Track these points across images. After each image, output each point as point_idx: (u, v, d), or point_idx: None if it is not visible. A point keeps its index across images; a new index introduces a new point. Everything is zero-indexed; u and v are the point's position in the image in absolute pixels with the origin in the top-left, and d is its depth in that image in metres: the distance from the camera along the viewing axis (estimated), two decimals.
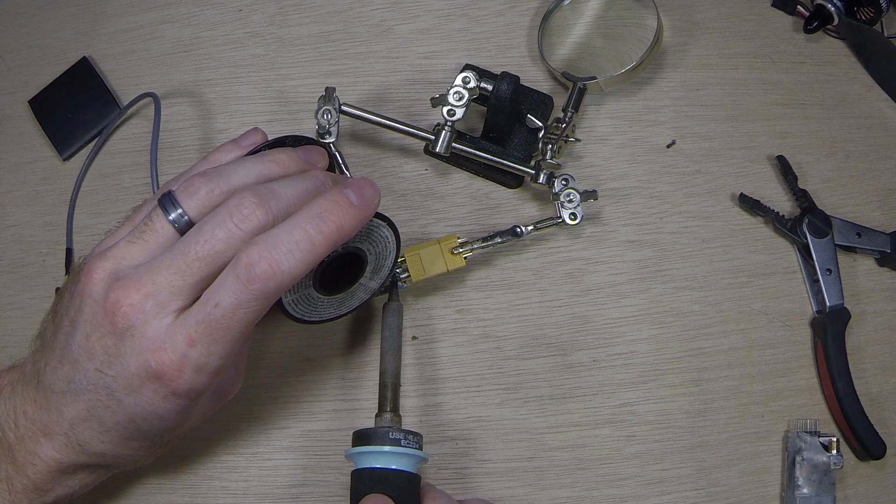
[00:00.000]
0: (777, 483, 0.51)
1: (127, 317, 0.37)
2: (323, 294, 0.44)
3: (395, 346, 0.48)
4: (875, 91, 0.59)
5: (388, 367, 0.47)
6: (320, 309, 0.44)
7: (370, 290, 0.47)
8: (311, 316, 0.44)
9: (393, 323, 0.48)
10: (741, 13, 0.61)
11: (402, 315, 0.49)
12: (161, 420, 0.39)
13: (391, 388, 0.47)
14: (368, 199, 0.39)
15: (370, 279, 0.45)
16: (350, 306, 0.46)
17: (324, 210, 0.38)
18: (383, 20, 0.61)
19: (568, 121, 0.54)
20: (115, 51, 0.62)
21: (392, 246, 0.46)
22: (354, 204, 0.39)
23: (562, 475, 0.51)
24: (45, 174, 0.59)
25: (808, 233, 0.53)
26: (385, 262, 0.46)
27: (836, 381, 0.51)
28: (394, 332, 0.48)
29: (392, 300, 0.50)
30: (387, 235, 0.44)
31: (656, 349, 0.53)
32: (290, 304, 0.42)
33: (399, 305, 0.49)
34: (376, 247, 0.44)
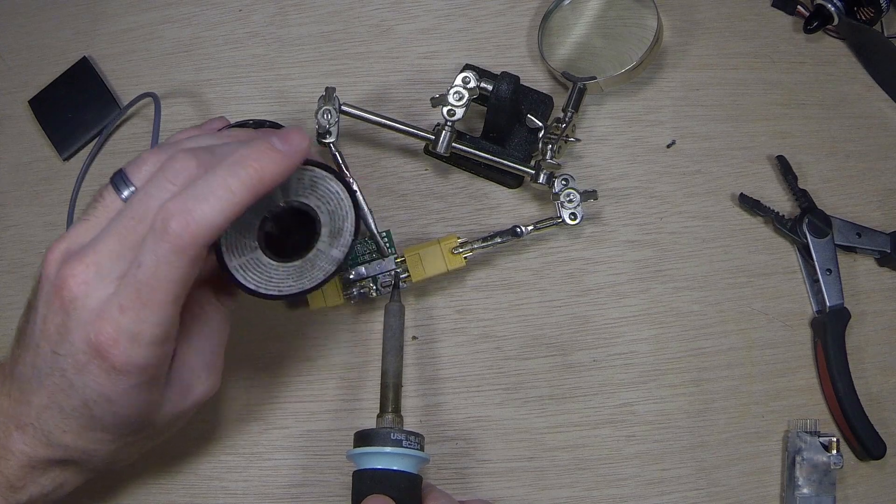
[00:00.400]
0: (777, 483, 0.51)
1: (71, 290, 0.36)
2: (276, 260, 0.40)
3: (396, 347, 0.48)
4: (875, 91, 0.59)
5: (389, 367, 0.47)
6: (276, 279, 0.40)
7: (333, 260, 0.41)
8: (268, 288, 0.40)
9: (394, 324, 0.48)
10: (741, 13, 0.61)
11: (403, 316, 0.49)
12: (111, 405, 0.37)
13: (392, 388, 0.46)
14: (294, 144, 0.37)
15: (330, 245, 0.40)
16: (314, 279, 0.41)
17: (244, 157, 0.35)
18: (383, 20, 0.61)
19: (568, 121, 0.54)
20: (115, 51, 0.62)
21: (347, 204, 0.41)
22: (277, 149, 0.36)
23: (562, 475, 0.51)
24: (45, 174, 0.59)
25: (808, 233, 0.53)
26: (343, 223, 0.41)
27: (836, 381, 0.51)
28: (395, 332, 0.48)
29: (393, 301, 0.49)
30: (336, 190, 0.40)
31: (656, 349, 0.53)
32: (238, 269, 0.39)
33: (400, 306, 0.49)
34: (327, 204, 0.40)
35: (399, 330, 0.48)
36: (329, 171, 0.40)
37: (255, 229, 0.38)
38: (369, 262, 0.52)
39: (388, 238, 0.53)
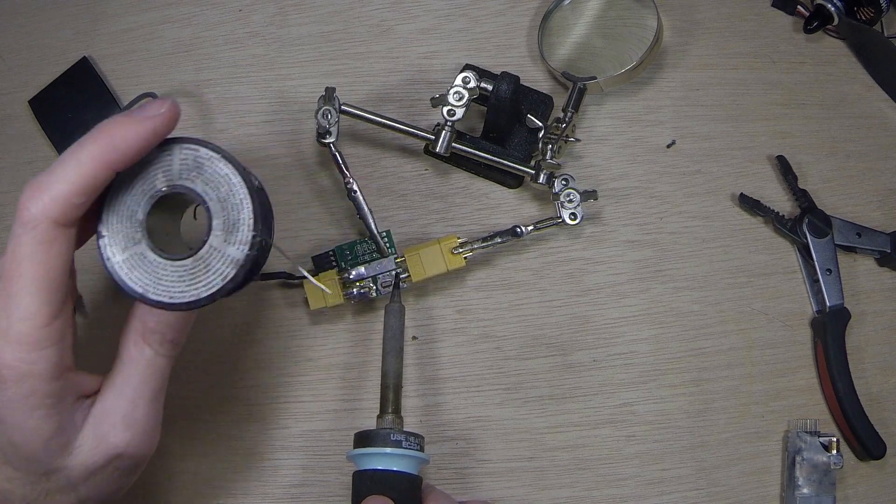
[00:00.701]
0: (777, 483, 0.51)
1: None
2: (164, 257, 0.34)
3: (396, 348, 0.47)
4: (875, 91, 0.59)
5: (389, 368, 0.47)
6: (166, 282, 0.34)
7: (231, 261, 0.34)
8: (157, 293, 0.34)
9: (394, 324, 0.48)
10: (741, 13, 0.61)
11: (403, 316, 0.49)
12: (4, 427, 0.34)
13: (393, 389, 0.46)
14: (151, 109, 0.33)
15: (224, 241, 0.34)
16: (210, 285, 0.34)
17: (97, 128, 0.33)
18: (383, 20, 0.61)
19: (568, 121, 0.54)
20: (115, 51, 0.62)
21: (241, 191, 0.34)
22: (131, 116, 0.33)
23: (562, 475, 0.51)
24: None
25: (808, 233, 0.53)
26: (240, 216, 0.34)
27: (836, 381, 0.51)
28: (395, 333, 0.48)
29: (393, 301, 0.49)
30: (227, 173, 0.34)
31: (656, 349, 0.53)
32: (122, 266, 0.34)
33: (400, 307, 0.49)
34: (216, 190, 0.34)
35: (399, 330, 0.48)
36: (218, 152, 0.34)
37: (141, 220, 0.34)
38: (369, 262, 0.52)
39: (388, 238, 0.53)
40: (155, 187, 0.34)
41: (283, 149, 0.58)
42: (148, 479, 0.52)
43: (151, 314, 0.36)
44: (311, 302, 0.52)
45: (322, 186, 0.57)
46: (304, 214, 0.57)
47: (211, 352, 0.54)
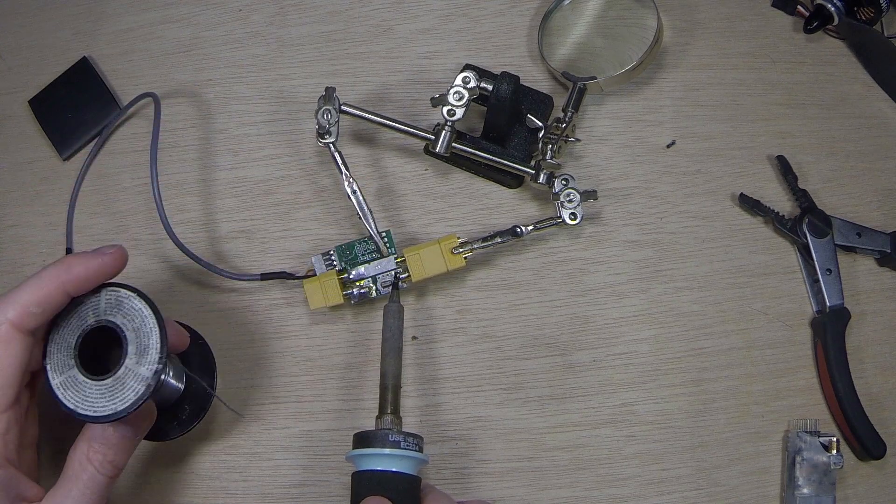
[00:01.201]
0: (777, 483, 0.51)
1: None
2: (90, 378, 0.41)
3: (395, 348, 0.47)
4: (875, 91, 0.59)
5: (388, 368, 0.47)
6: (91, 398, 0.40)
7: (142, 379, 0.40)
8: (84, 408, 0.40)
9: (393, 324, 0.48)
10: (741, 13, 0.61)
11: (402, 317, 0.49)
12: None
13: (392, 389, 0.46)
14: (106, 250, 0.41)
15: (137, 363, 0.40)
16: (125, 399, 0.40)
17: (59, 259, 0.40)
18: (383, 20, 0.61)
19: (568, 121, 0.54)
20: (115, 51, 0.62)
21: (151, 322, 0.41)
22: (88, 253, 0.41)
23: (562, 475, 0.51)
24: (45, 174, 0.59)
25: (808, 233, 0.53)
26: (149, 340, 0.41)
27: (836, 381, 0.51)
28: (394, 333, 0.48)
29: (392, 301, 0.49)
30: (140, 308, 0.41)
31: (656, 349, 0.53)
32: (60, 387, 0.40)
33: (399, 307, 0.49)
34: (132, 321, 0.41)
35: (398, 330, 0.48)
36: (135, 292, 0.42)
37: (73, 348, 0.41)
38: (369, 262, 0.52)
39: (388, 238, 0.53)
40: (86, 322, 0.41)
41: (283, 149, 0.58)
42: (148, 479, 0.52)
43: (96, 436, 0.41)
44: (311, 302, 0.52)
45: (322, 186, 0.57)
46: (304, 214, 0.57)
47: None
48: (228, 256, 0.56)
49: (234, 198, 0.58)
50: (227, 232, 0.57)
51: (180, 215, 0.57)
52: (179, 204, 0.57)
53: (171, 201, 0.57)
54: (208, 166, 0.58)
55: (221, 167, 0.58)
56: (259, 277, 0.54)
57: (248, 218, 0.57)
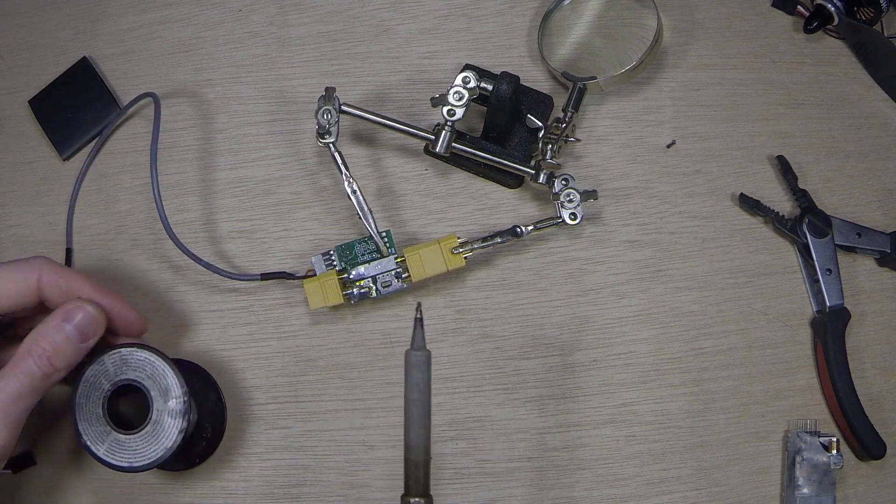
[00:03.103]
0: (777, 483, 0.51)
1: None
2: (129, 434, 0.43)
3: (423, 413, 0.38)
4: (875, 91, 0.59)
5: (416, 440, 0.38)
6: (140, 450, 0.44)
7: (176, 413, 0.44)
8: (140, 460, 0.44)
9: (419, 378, 0.38)
10: (741, 13, 0.61)
11: (430, 367, 0.38)
12: None
13: (422, 466, 0.38)
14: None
15: (165, 402, 0.44)
16: (169, 436, 0.44)
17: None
18: (383, 20, 0.61)
19: (568, 121, 0.54)
20: (115, 51, 0.62)
21: (160, 364, 0.44)
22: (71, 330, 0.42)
23: (562, 475, 0.51)
24: (45, 174, 0.59)
25: (808, 233, 0.53)
26: (167, 381, 0.44)
27: (836, 381, 0.51)
28: (421, 391, 0.38)
29: (416, 347, 0.38)
30: (146, 357, 0.44)
31: (656, 349, 0.53)
32: (108, 454, 0.43)
33: (426, 355, 0.38)
34: (144, 370, 0.44)
35: (426, 385, 0.38)
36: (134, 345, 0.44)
37: (102, 416, 0.43)
38: (369, 262, 0.52)
39: (388, 238, 0.53)
40: (104, 389, 0.43)
41: (283, 149, 0.58)
42: (147, 479, 0.52)
43: (42, 331, 0.42)
44: (311, 302, 0.52)
45: (322, 186, 0.57)
46: (304, 214, 0.57)
47: (211, 351, 0.55)
48: (228, 256, 0.56)
49: (234, 198, 0.58)
50: (227, 232, 0.57)
51: (180, 215, 0.57)
52: (179, 204, 0.57)
53: (171, 201, 0.57)
54: (208, 166, 0.58)
55: (221, 167, 0.58)
56: (259, 277, 0.54)
57: (248, 218, 0.57)
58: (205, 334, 0.55)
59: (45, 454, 0.53)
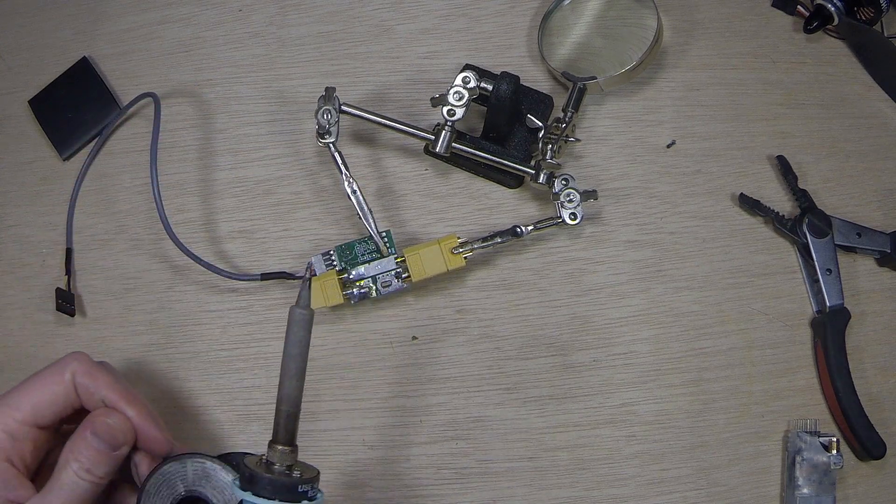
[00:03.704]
0: (777, 483, 0.51)
1: None
2: None
3: (298, 368, 0.40)
4: (875, 91, 0.59)
5: (286, 393, 0.40)
6: None
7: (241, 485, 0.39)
8: None
9: (298, 336, 0.40)
10: (741, 13, 0.61)
11: (310, 326, 0.40)
12: None
13: (291, 417, 0.40)
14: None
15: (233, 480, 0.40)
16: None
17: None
18: (383, 20, 0.61)
19: (568, 121, 0.54)
20: (115, 51, 0.62)
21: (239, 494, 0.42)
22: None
23: (562, 475, 0.51)
24: (45, 174, 0.59)
25: (808, 233, 0.53)
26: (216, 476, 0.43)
27: (836, 381, 0.51)
28: (299, 348, 0.40)
29: (300, 305, 0.40)
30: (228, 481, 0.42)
31: (656, 349, 0.53)
32: None
33: (310, 314, 0.40)
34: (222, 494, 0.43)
35: (304, 344, 0.40)
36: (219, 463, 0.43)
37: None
38: (369, 262, 0.52)
39: (388, 238, 0.53)
40: (176, 491, 0.42)
41: (283, 149, 0.58)
42: None
43: (75, 445, 0.42)
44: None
45: (322, 186, 0.57)
46: (304, 214, 0.57)
47: (211, 351, 0.55)
48: (228, 256, 0.56)
49: (234, 198, 0.58)
50: (227, 232, 0.57)
51: (180, 215, 0.57)
52: (179, 204, 0.57)
53: (171, 201, 0.57)
54: (208, 166, 0.58)
55: (221, 167, 0.58)
56: (259, 277, 0.54)
57: (248, 218, 0.57)
58: (205, 334, 0.55)
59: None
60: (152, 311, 0.56)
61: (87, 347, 0.55)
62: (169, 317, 0.55)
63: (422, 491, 0.51)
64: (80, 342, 0.55)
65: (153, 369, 0.55)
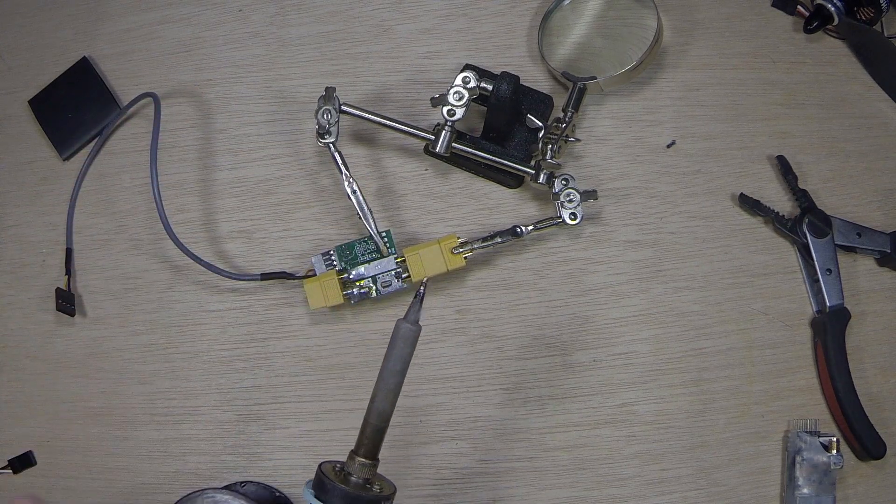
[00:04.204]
0: (777, 483, 0.51)
1: None
2: None
3: (395, 384, 0.39)
4: (875, 91, 0.59)
5: (380, 407, 0.39)
6: None
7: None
8: None
9: (406, 352, 0.39)
10: (741, 13, 0.61)
11: (415, 343, 0.39)
12: None
13: (378, 431, 0.39)
14: None
15: None
16: None
17: None
18: (383, 20, 0.61)
19: (568, 121, 0.54)
20: (115, 51, 0.62)
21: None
22: None
23: (562, 475, 0.51)
24: (45, 174, 0.59)
25: (808, 233, 0.53)
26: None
27: (836, 381, 0.51)
28: (401, 363, 0.39)
29: (410, 321, 0.39)
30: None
31: (656, 349, 0.53)
32: None
33: (417, 331, 0.39)
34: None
35: (406, 360, 0.39)
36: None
37: None
38: (369, 262, 0.52)
39: (388, 238, 0.53)
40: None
41: (283, 149, 0.58)
42: (148, 480, 0.52)
43: None
44: (311, 302, 0.52)
45: (322, 186, 0.57)
46: (304, 214, 0.57)
47: (211, 351, 0.55)
48: (228, 256, 0.56)
49: (234, 198, 0.58)
50: (227, 232, 0.57)
51: (180, 215, 0.57)
52: (179, 204, 0.57)
53: (171, 201, 0.57)
54: (208, 166, 0.58)
55: (221, 167, 0.58)
56: (259, 277, 0.54)
57: (248, 218, 0.57)
58: (205, 334, 0.55)
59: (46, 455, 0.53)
60: (152, 311, 0.56)
61: (87, 347, 0.55)
62: (169, 317, 0.55)
63: (422, 491, 0.51)
64: (80, 342, 0.55)
65: (153, 369, 0.55)
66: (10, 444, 0.54)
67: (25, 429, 0.54)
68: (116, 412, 0.54)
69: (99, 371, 0.55)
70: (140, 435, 0.54)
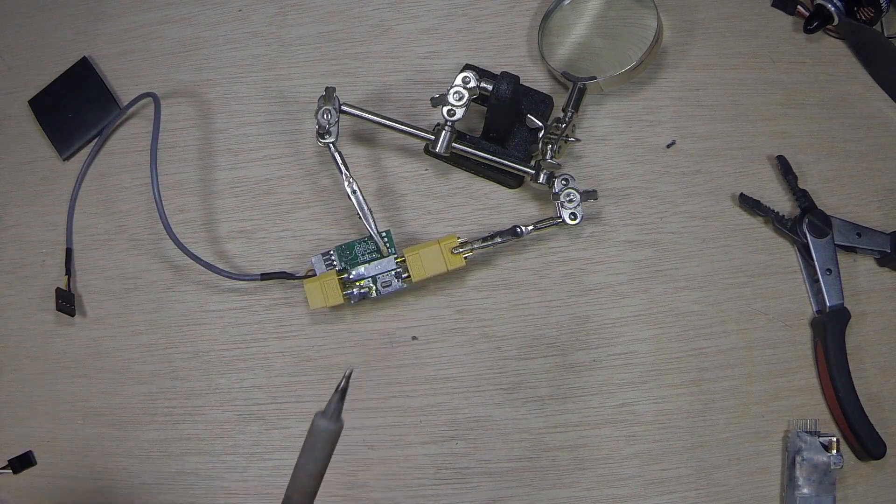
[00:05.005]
0: (777, 483, 0.51)
1: None
2: None
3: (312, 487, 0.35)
4: (875, 91, 0.59)
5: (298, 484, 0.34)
6: None
7: None
8: None
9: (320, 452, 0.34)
10: (741, 13, 0.61)
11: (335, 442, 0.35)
12: None
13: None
14: None
15: None
16: None
17: None
18: (383, 20, 0.61)
19: (568, 121, 0.54)
20: (115, 51, 0.62)
21: None
22: None
23: (562, 475, 0.51)
24: (45, 174, 0.59)
25: (808, 233, 0.53)
26: None
27: (836, 381, 0.51)
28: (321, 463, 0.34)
29: (327, 416, 0.35)
30: None
31: (656, 349, 0.53)
32: None
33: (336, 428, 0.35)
34: None
35: (326, 460, 0.34)
36: None
37: None
38: (369, 262, 0.52)
39: (388, 238, 0.53)
40: None
41: (283, 149, 0.58)
42: (148, 480, 0.52)
43: None
44: (311, 302, 0.52)
45: (322, 186, 0.57)
46: (304, 214, 0.57)
47: (211, 351, 0.55)
48: (228, 256, 0.56)
49: (234, 198, 0.58)
50: (227, 232, 0.57)
51: (180, 215, 0.57)
52: (179, 204, 0.57)
53: (171, 201, 0.57)
54: (208, 166, 0.58)
55: (221, 167, 0.58)
56: (259, 277, 0.54)
57: (248, 218, 0.57)
58: (205, 334, 0.55)
59: (46, 455, 0.53)
60: (152, 311, 0.56)
61: (87, 347, 0.55)
62: (169, 317, 0.55)
63: (422, 491, 0.51)
64: (80, 342, 0.55)
65: (153, 369, 0.55)
66: (10, 444, 0.54)
67: (25, 429, 0.54)
68: (116, 412, 0.54)
69: (99, 371, 0.55)
70: (140, 435, 0.54)
